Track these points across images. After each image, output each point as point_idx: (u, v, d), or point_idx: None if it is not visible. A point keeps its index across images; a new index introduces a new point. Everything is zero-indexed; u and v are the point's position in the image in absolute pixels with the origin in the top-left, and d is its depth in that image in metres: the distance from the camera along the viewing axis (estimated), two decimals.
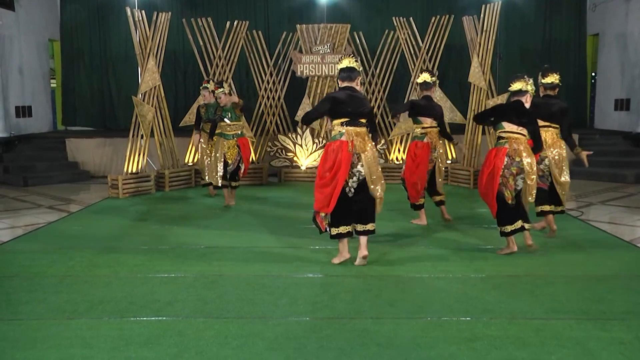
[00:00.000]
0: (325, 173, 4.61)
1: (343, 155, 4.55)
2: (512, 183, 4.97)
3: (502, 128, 5.05)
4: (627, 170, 9.45)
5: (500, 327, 3.52)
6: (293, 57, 9.73)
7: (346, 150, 4.56)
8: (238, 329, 3.50)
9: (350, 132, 4.63)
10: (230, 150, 7.27)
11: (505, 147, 4.98)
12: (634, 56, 10.87)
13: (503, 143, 5.02)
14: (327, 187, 4.59)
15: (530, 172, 4.91)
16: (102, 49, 12.55)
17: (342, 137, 4.63)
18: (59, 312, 3.80)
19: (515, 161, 4.93)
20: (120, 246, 5.48)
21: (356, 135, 4.63)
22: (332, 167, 4.58)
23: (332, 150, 4.62)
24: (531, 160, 4.94)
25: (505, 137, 5.02)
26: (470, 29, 9.05)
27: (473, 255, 5.09)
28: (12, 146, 10.44)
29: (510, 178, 4.96)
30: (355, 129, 4.65)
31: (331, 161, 4.60)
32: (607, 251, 5.26)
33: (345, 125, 4.64)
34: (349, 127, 4.64)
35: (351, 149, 4.58)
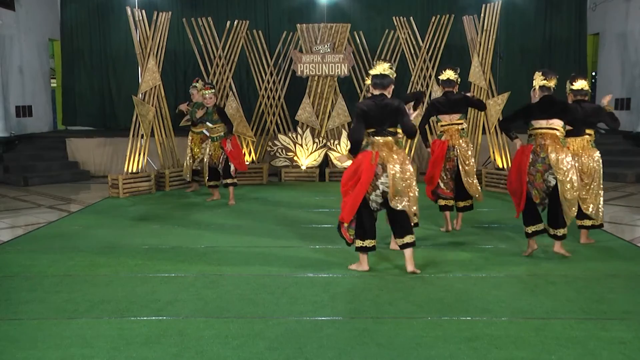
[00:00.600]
0: (347, 182, 4.44)
1: (365, 166, 4.36)
2: (541, 181, 4.79)
3: (531, 126, 4.88)
4: (628, 170, 9.45)
5: (500, 326, 3.52)
6: (293, 56, 9.72)
7: (369, 162, 4.36)
8: (238, 329, 3.50)
9: (377, 142, 4.44)
10: (215, 152, 7.53)
11: (531, 144, 4.84)
12: (634, 56, 10.87)
13: (531, 140, 4.88)
14: (347, 196, 4.43)
15: (558, 168, 4.64)
16: (103, 48, 12.55)
17: (367, 148, 4.45)
18: (60, 311, 3.80)
19: (540, 157, 4.75)
20: (120, 246, 5.48)
21: (383, 146, 4.44)
22: (352, 176, 4.41)
23: (357, 159, 4.44)
24: (559, 155, 4.65)
25: (533, 134, 4.86)
26: (471, 28, 9.05)
27: (473, 255, 5.09)
28: (12, 146, 10.44)
29: (537, 175, 4.78)
30: (382, 138, 4.44)
31: (352, 171, 4.43)
32: (607, 251, 5.25)
33: (372, 135, 4.45)
34: (375, 137, 4.44)
35: (374, 161, 4.37)
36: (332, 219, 6.63)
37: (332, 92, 9.74)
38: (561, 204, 4.73)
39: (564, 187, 4.65)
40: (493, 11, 8.69)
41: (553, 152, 4.68)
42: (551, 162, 4.68)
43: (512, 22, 12.14)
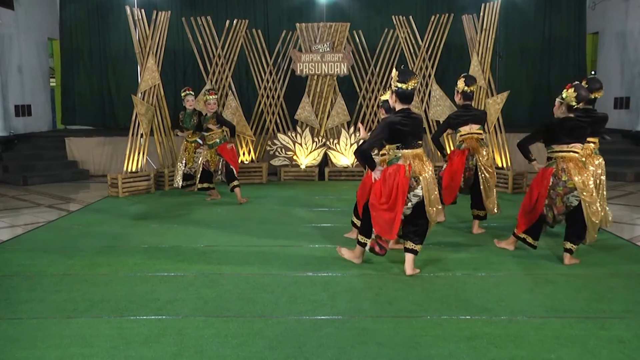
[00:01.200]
0: (381, 198, 4.41)
1: (400, 179, 4.34)
2: (561, 205, 4.75)
3: (551, 148, 4.82)
4: (627, 169, 9.45)
5: (499, 325, 3.52)
6: (293, 55, 9.72)
7: (403, 175, 4.34)
8: (238, 328, 3.50)
9: (407, 154, 4.40)
10: (212, 158, 7.53)
11: (552, 167, 4.77)
12: (634, 54, 10.87)
13: (552, 163, 4.79)
14: (390, 212, 4.38)
15: (583, 189, 4.60)
16: (102, 47, 12.53)
17: (399, 161, 4.40)
18: (59, 311, 3.80)
19: (562, 180, 4.68)
20: (120, 245, 5.48)
21: (414, 157, 4.41)
22: (390, 193, 4.37)
23: (389, 174, 4.39)
24: (583, 177, 4.62)
25: (554, 157, 4.79)
26: (470, 27, 9.05)
27: (473, 254, 5.10)
28: (11, 145, 10.43)
29: (557, 199, 4.74)
30: (412, 151, 4.41)
31: (389, 187, 4.38)
32: (606, 249, 5.26)
33: (402, 148, 4.40)
34: (405, 150, 4.40)
35: (408, 174, 4.35)
36: (332, 217, 6.64)
37: (331, 92, 9.74)
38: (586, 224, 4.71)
39: (591, 209, 4.63)
40: (492, 10, 8.69)
41: (577, 174, 4.63)
42: (576, 184, 4.62)
43: (511, 21, 12.14)
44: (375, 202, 4.43)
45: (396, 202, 4.33)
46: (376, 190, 4.45)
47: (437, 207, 4.48)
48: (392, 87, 4.42)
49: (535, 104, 12.27)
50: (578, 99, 4.63)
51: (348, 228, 6.14)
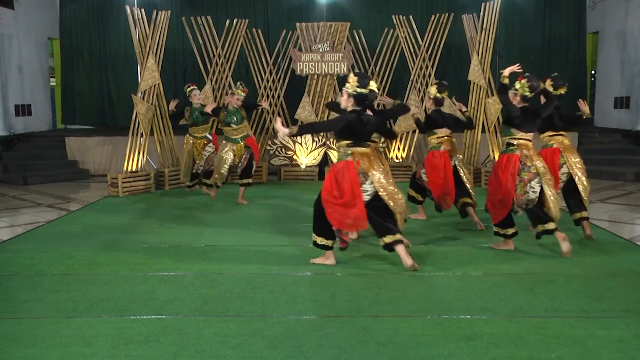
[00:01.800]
0: (332, 193, 4.53)
1: (351, 175, 4.50)
2: (521, 193, 4.92)
3: (511, 134, 5.03)
4: (627, 168, 9.45)
5: (499, 325, 3.52)
6: (293, 55, 9.72)
7: (353, 170, 4.51)
8: (238, 328, 3.50)
9: (356, 152, 4.59)
10: (239, 152, 7.41)
11: (516, 153, 4.95)
12: (634, 54, 10.87)
13: (514, 150, 4.98)
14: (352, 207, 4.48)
15: (546, 172, 4.90)
16: (102, 47, 12.54)
17: (347, 158, 4.59)
18: (59, 310, 3.80)
19: (527, 166, 4.90)
20: (120, 245, 5.48)
21: (362, 155, 4.59)
22: (343, 188, 4.50)
23: (339, 170, 4.56)
24: (543, 163, 4.94)
25: (516, 144, 4.99)
26: (470, 27, 9.05)
27: (472, 253, 5.10)
28: (11, 145, 10.44)
29: (519, 186, 4.92)
30: (362, 149, 4.61)
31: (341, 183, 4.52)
32: (606, 249, 5.26)
33: (351, 146, 4.59)
34: (354, 148, 4.59)
35: (357, 168, 4.51)
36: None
37: (331, 91, 9.73)
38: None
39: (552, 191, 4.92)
40: (492, 10, 8.69)
41: (538, 160, 4.93)
42: (539, 169, 4.88)
43: (511, 21, 12.14)
44: (329, 197, 4.54)
45: (354, 196, 4.47)
46: (327, 187, 4.58)
47: (398, 199, 4.57)
48: (348, 90, 4.56)
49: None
50: (531, 89, 5.06)
51: None
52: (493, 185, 5.08)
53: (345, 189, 4.49)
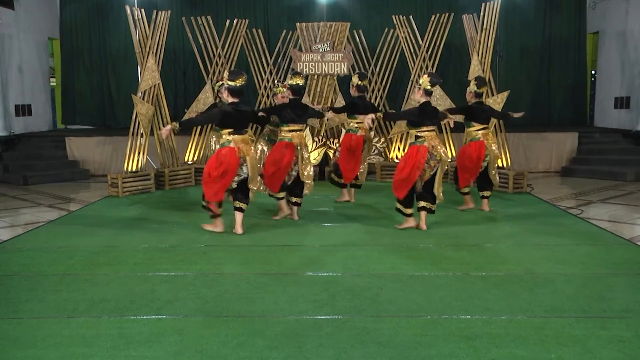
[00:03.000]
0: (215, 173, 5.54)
1: (232, 159, 5.53)
2: (429, 174, 5.79)
3: (419, 128, 5.77)
4: (627, 168, 9.45)
5: (500, 325, 3.52)
6: (293, 55, 9.72)
7: (234, 155, 5.52)
8: (238, 328, 3.50)
9: (237, 139, 5.59)
10: None
11: (425, 145, 5.73)
12: (634, 54, 10.86)
13: (422, 141, 5.75)
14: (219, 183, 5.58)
15: (446, 160, 5.77)
16: (102, 47, 12.54)
17: (230, 144, 5.58)
18: (59, 310, 3.80)
19: (433, 155, 5.72)
20: (120, 245, 5.48)
21: (241, 142, 5.61)
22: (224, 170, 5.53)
23: (223, 155, 5.54)
24: (444, 151, 5.81)
25: (423, 136, 5.76)
26: (470, 27, 9.04)
27: (473, 253, 5.10)
28: (11, 145, 10.44)
29: (427, 170, 5.77)
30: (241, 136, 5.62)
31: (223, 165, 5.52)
32: (607, 249, 5.26)
33: (232, 134, 5.59)
34: (235, 136, 5.59)
35: (238, 154, 5.54)
36: (332, 217, 6.65)
37: (331, 91, 9.73)
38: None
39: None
40: (493, 10, 8.68)
41: (442, 148, 5.78)
42: (442, 157, 5.73)
43: (511, 21, 12.14)
44: (207, 177, 5.57)
45: (225, 176, 5.55)
46: (210, 168, 5.56)
47: (257, 181, 5.82)
48: (224, 84, 5.56)
49: (535, 104, 12.27)
50: (432, 82, 5.66)
51: (348, 227, 6.17)
52: (399, 172, 5.80)
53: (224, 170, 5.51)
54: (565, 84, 12.35)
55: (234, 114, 5.56)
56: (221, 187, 5.62)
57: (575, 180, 9.51)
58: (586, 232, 5.90)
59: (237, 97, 5.58)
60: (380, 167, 9.62)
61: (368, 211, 6.99)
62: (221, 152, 5.58)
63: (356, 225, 6.24)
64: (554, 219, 6.50)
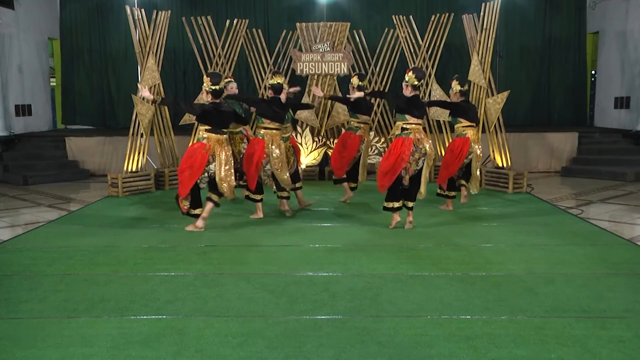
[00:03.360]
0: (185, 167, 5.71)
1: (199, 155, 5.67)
2: (414, 168, 5.83)
3: (405, 120, 5.81)
4: (627, 169, 9.45)
5: (500, 325, 3.52)
6: (293, 55, 9.72)
7: (202, 152, 5.67)
8: (238, 328, 3.50)
9: (211, 137, 5.74)
10: (288, 152, 6.76)
11: (410, 137, 5.76)
12: (634, 54, 10.86)
13: (408, 133, 5.78)
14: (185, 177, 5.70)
15: (431, 154, 5.81)
16: (102, 47, 12.54)
17: (203, 140, 5.73)
18: (59, 310, 3.80)
19: (418, 148, 5.76)
20: (120, 245, 5.48)
21: (215, 141, 5.74)
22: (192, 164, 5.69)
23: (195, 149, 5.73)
24: (430, 145, 5.83)
25: (409, 129, 5.79)
26: (470, 27, 9.04)
27: (473, 253, 5.10)
28: (11, 145, 10.44)
29: (413, 163, 5.80)
30: (217, 136, 5.75)
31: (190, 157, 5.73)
32: (607, 249, 5.26)
33: (209, 131, 5.74)
34: (211, 134, 5.74)
35: (207, 151, 5.68)
36: (332, 217, 6.65)
37: (331, 91, 9.73)
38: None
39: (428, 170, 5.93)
40: (493, 10, 8.68)
41: (427, 143, 5.81)
42: (427, 151, 5.77)
43: (511, 21, 12.14)
44: (179, 170, 5.75)
45: (192, 170, 5.66)
46: (182, 161, 5.76)
47: (228, 183, 5.79)
48: (205, 87, 5.77)
49: (535, 104, 12.27)
50: (417, 78, 5.81)
51: (349, 228, 6.16)
52: (384, 162, 5.83)
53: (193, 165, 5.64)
54: (565, 84, 12.35)
55: (214, 113, 5.74)
56: (187, 181, 5.68)
57: (575, 180, 9.51)
58: (586, 232, 5.90)
59: (217, 98, 5.80)
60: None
61: (368, 211, 6.99)
62: (193, 146, 5.81)
63: (356, 225, 6.24)
64: (554, 219, 6.50)
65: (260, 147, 6.27)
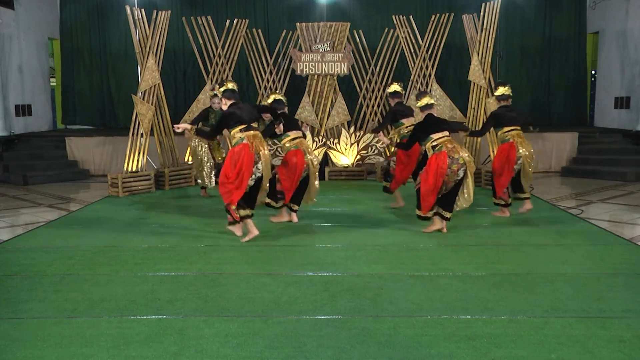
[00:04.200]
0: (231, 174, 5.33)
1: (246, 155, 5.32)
2: (453, 179, 5.62)
3: (431, 139, 5.73)
4: (627, 168, 9.44)
5: (500, 325, 3.52)
6: (293, 55, 9.72)
7: (248, 151, 5.33)
8: (238, 328, 3.50)
9: (249, 135, 5.44)
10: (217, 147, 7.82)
11: (443, 151, 5.62)
12: (634, 54, 10.86)
13: (440, 149, 5.65)
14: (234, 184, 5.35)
15: (470, 162, 5.61)
16: (102, 47, 12.55)
17: (243, 141, 5.39)
18: (59, 310, 3.80)
19: (455, 158, 5.56)
20: (120, 245, 5.48)
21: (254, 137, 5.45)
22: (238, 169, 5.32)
23: (236, 152, 5.35)
24: (467, 153, 5.66)
25: (439, 144, 5.68)
26: (470, 27, 9.05)
27: (473, 254, 5.10)
28: (12, 145, 10.44)
29: (451, 175, 5.60)
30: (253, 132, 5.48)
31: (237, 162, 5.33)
32: (607, 249, 5.26)
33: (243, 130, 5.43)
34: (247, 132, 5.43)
35: (252, 149, 5.35)
36: (332, 217, 6.65)
37: (331, 91, 9.74)
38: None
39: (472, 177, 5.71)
40: (493, 10, 8.69)
41: (464, 152, 5.62)
42: (465, 159, 5.57)
43: (511, 21, 12.14)
44: (225, 179, 5.34)
45: (241, 175, 5.30)
46: (226, 170, 5.34)
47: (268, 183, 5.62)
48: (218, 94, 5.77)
49: (535, 104, 12.27)
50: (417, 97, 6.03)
51: (349, 228, 6.16)
52: (426, 183, 5.68)
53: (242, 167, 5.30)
54: (565, 84, 12.34)
55: (237, 112, 5.52)
56: (238, 186, 5.33)
57: (575, 180, 9.51)
58: (586, 232, 5.90)
59: (231, 98, 5.58)
60: (380, 167, 9.61)
61: (368, 211, 6.99)
62: (234, 150, 5.39)
63: (356, 225, 6.24)
64: (554, 219, 6.50)
65: (300, 157, 6.13)
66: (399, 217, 6.61)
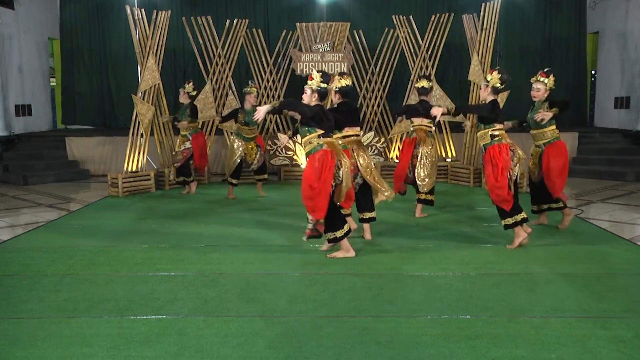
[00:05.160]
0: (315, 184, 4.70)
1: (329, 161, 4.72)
2: (514, 174, 5.25)
3: (492, 126, 5.22)
4: (627, 168, 9.44)
5: (500, 325, 3.52)
6: (293, 55, 9.72)
7: (330, 158, 4.72)
8: (238, 328, 3.50)
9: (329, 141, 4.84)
10: (250, 151, 7.86)
11: (504, 142, 5.20)
12: (634, 54, 10.86)
13: (500, 139, 5.21)
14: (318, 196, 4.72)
15: (524, 157, 5.29)
16: (102, 47, 12.55)
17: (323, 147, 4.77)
18: (59, 310, 3.80)
19: (516, 153, 5.25)
20: (120, 245, 5.48)
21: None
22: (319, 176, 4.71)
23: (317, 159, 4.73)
24: (521, 149, 5.33)
25: (499, 135, 5.22)
26: (470, 27, 9.05)
27: (473, 253, 5.09)
28: (11, 145, 10.44)
29: (514, 169, 5.24)
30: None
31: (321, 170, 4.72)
32: (607, 249, 5.25)
33: (324, 136, 4.80)
34: (329, 138, 4.84)
35: (332, 157, 4.75)
36: None
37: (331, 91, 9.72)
38: None
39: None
40: (493, 10, 8.69)
41: (519, 148, 5.26)
42: (520, 156, 5.23)
43: (511, 21, 12.14)
44: (310, 191, 4.71)
45: (326, 183, 4.70)
46: (310, 180, 4.70)
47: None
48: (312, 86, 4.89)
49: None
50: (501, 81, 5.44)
51: None
52: (489, 176, 5.16)
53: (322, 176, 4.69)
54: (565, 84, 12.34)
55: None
56: (323, 197, 4.71)
57: (575, 180, 9.50)
58: (586, 232, 5.90)
59: (322, 100, 4.98)
60: (381, 167, 9.61)
61: None
62: (314, 156, 4.74)
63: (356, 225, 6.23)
64: (553, 219, 6.50)
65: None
66: (399, 217, 6.60)
